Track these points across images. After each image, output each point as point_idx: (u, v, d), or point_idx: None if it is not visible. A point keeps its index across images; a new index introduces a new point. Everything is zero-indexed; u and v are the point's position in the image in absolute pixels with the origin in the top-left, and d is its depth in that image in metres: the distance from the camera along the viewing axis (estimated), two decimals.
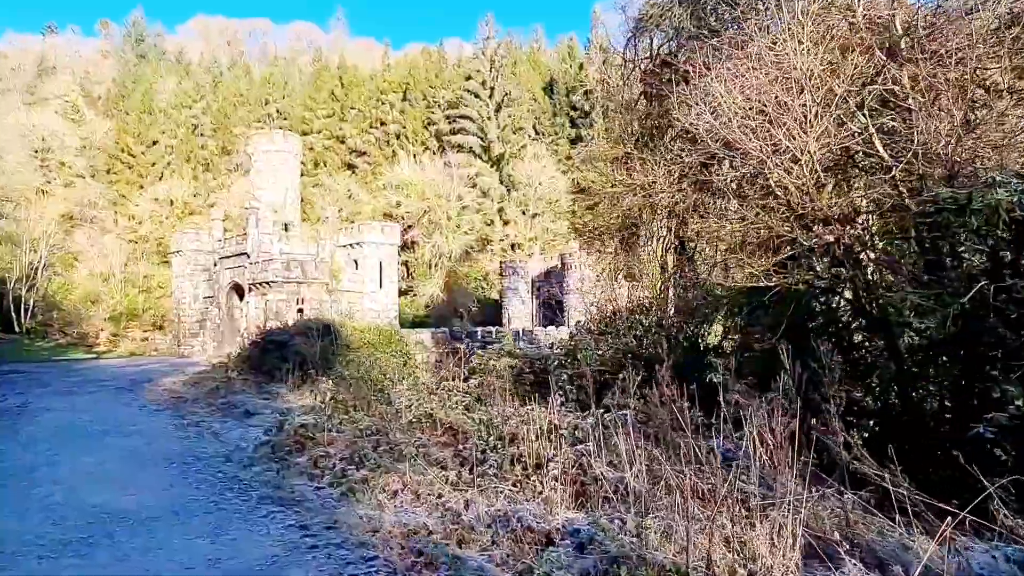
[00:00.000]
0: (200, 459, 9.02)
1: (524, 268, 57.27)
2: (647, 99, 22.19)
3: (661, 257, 19.61)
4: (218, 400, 15.15)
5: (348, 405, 9.56)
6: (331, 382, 18.62)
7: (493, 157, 69.80)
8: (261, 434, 10.93)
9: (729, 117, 10.73)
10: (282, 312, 30.78)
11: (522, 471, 6.42)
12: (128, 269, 70.11)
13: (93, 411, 14.02)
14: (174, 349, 40.90)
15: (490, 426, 7.59)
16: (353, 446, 7.72)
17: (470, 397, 8.56)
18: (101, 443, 10.32)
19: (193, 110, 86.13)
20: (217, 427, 11.98)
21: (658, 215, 20.30)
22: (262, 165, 36.23)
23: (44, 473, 8.31)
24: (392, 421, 8.36)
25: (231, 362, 21.47)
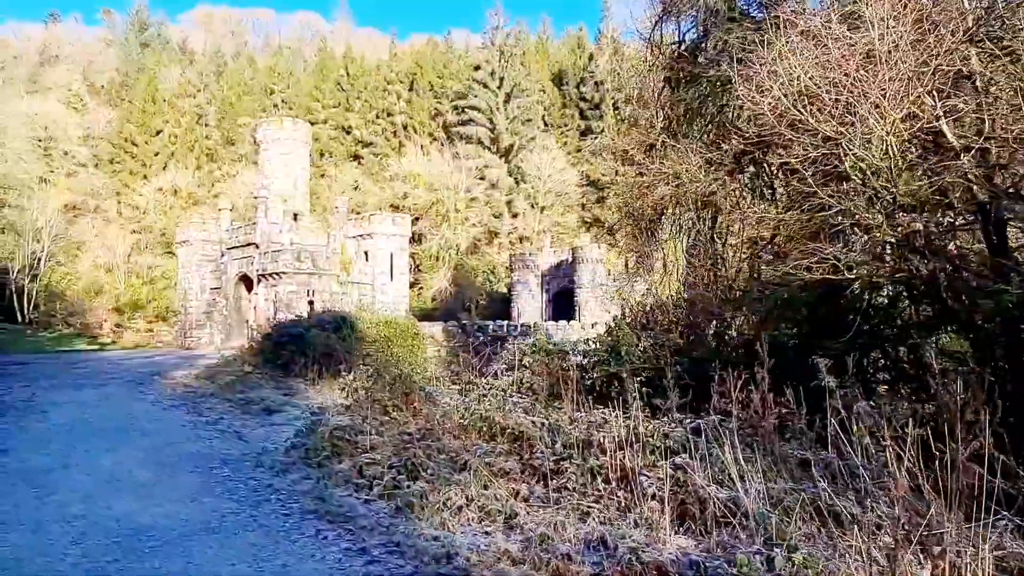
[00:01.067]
0: (227, 463, 8.26)
1: (534, 261, 56.51)
2: (670, 85, 21.38)
3: (689, 249, 18.77)
4: (235, 395, 14.40)
5: (386, 404, 8.80)
6: (352, 377, 17.90)
7: (502, 149, 68.94)
8: (289, 434, 10.18)
9: (796, 94, 9.93)
10: (292, 304, 30.03)
11: (605, 485, 5.65)
12: (132, 259, 69.50)
13: (105, 406, 13.27)
14: (180, 341, 40.22)
15: (556, 432, 6.82)
16: (401, 452, 6.94)
17: (526, 398, 7.80)
18: (117, 443, 9.56)
19: (197, 99, 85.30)
20: (238, 425, 11.22)
21: (687, 205, 19.53)
22: (271, 153, 35.41)
23: (59, 477, 7.54)
24: (439, 424, 7.59)
25: (244, 355, 20.73)
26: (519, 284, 57.17)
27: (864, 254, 10.08)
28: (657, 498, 5.11)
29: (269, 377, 17.28)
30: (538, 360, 13.72)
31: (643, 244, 24.65)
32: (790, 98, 10.24)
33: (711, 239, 20.42)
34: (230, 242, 36.47)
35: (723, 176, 18.20)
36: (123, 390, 16.15)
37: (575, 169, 68.93)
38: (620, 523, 5.03)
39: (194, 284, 38.32)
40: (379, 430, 8.07)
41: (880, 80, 8.92)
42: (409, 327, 24.11)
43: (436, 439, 7.14)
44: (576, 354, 13.95)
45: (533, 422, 6.92)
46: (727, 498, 4.89)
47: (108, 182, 75.06)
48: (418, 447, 6.90)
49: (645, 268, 27.80)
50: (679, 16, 22.15)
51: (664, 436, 5.99)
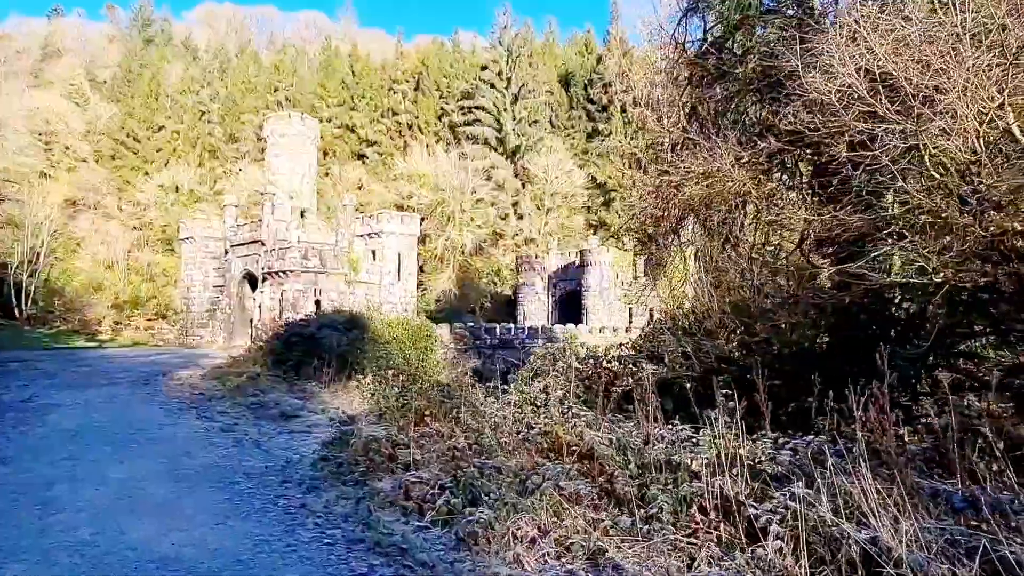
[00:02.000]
0: (249, 476, 7.47)
1: (541, 264, 55.74)
2: (694, 83, 20.71)
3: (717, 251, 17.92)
4: (247, 399, 13.61)
5: (423, 413, 8.02)
6: (370, 381, 17.12)
7: (508, 150, 68.21)
8: (314, 444, 9.40)
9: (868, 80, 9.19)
10: (299, 303, 29.23)
11: (702, 517, 4.88)
12: (132, 256, 68.74)
13: (109, 409, 12.48)
14: (181, 339, 39.37)
15: (626, 450, 6.05)
16: (452, 470, 6.16)
17: (586, 410, 7.02)
18: (126, 451, 8.77)
19: (200, 96, 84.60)
20: (254, 433, 10.43)
21: (717, 206, 18.79)
22: (278, 149, 34.62)
23: (64, 492, 6.75)
24: (489, 437, 6.81)
25: (252, 355, 19.94)
26: (525, 286, 56.37)
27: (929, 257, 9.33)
28: (777, 536, 4.32)
29: (280, 379, 16.48)
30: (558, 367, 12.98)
31: (666, 246, 23.90)
32: (863, 84, 9.49)
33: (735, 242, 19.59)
34: (235, 239, 35.65)
35: (758, 175, 17.46)
36: (128, 391, 15.36)
37: (582, 171, 68.22)
38: (731, 563, 4.25)
39: (197, 281, 37.46)
40: (419, 443, 7.29)
41: (970, 66, 8.16)
42: (423, 329, 23.33)
43: (489, 455, 6.36)
44: (611, 360, 13.18)
45: (605, 440, 6.14)
46: (867, 539, 4.12)
47: (109, 178, 74.22)
48: (471, 464, 6.12)
49: (667, 271, 27.00)
50: (704, 13, 21.40)
51: (768, 458, 5.21)
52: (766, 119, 18.34)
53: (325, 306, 29.83)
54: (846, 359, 10.48)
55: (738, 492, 4.92)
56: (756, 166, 17.76)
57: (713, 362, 11.47)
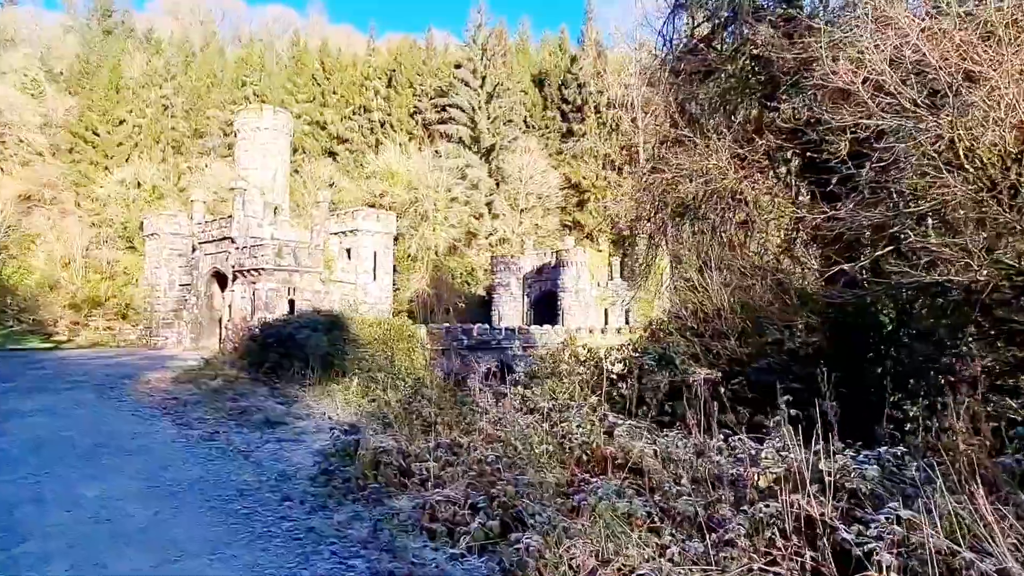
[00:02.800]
0: (243, 494, 6.68)
1: (516, 264, 55.16)
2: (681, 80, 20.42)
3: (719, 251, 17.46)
4: (226, 404, 12.69)
5: (433, 421, 7.32)
6: (357, 384, 16.29)
7: (483, 148, 67.50)
8: (306, 454, 8.62)
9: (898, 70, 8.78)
10: (272, 303, 28.11)
11: (784, 542, 4.30)
12: (90, 254, 66.20)
13: (75, 416, 11.46)
14: (145, 340, 37.72)
15: (676, 462, 5.46)
16: (483, 487, 5.49)
17: (623, 418, 6.41)
18: (98, 464, 7.88)
19: (163, 89, 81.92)
20: (239, 442, 9.58)
21: (712, 203, 18.44)
22: (249, 143, 33.36)
23: (30, 516, 5.89)
24: (520, 449, 6.15)
25: (226, 357, 18.92)
26: (500, 287, 55.72)
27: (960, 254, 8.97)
28: (887, 566, 3.76)
29: (260, 382, 15.57)
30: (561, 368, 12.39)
31: (656, 244, 23.50)
32: (892, 74, 9.09)
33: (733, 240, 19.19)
34: (203, 236, 34.24)
35: (755, 172, 17.10)
36: (93, 396, 14.26)
37: (556, 172, 67.89)
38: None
39: (162, 280, 35.91)
40: (432, 452, 6.60)
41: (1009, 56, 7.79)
42: (404, 329, 22.51)
43: (521, 470, 5.70)
44: (615, 362, 12.62)
45: (649, 450, 5.53)
46: (995, 570, 3.58)
47: (66, 172, 71.38)
48: (504, 481, 5.45)
49: (657, 269, 26.58)
50: (693, 9, 20.95)
51: (849, 473, 4.66)
52: (760, 116, 18.01)
53: (299, 306, 28.76)
54: (862, 361, 10.08)
55: (823, 513, 4.35)
56: (753, 164, 17.42)
57: (724, 364, 11.01)
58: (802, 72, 14.47)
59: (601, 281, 52.80)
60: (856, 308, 10.06)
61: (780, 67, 15.30)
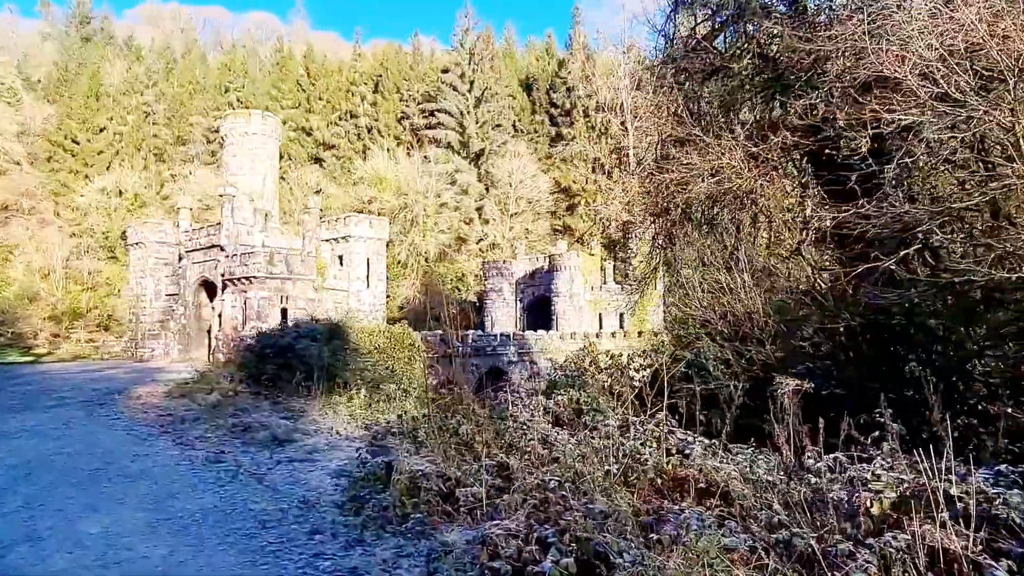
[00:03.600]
0: (265, 525, 5.98)
1: (508, 269, 54.52)
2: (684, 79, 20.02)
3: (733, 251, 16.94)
4: (227, 420, 11.92)
5: (470, 437, 6.67)
6: (360, 395, 15.56)
7: (472, 153, 66.91)
8: (324, 477, 7.93)
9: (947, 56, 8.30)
10: (264, 312, 27.25)
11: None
12: (71, 264, 64.79)
13: (66, 436, 10.65)
14: (131, 352, 36.60)
15: (755, 483, 4.86)
16: (550, 517, 4.85)
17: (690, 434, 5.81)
18: (98, 494, 7.13)
19: (145, 96, 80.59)
20: (248, 463, 8.86)
21: (723, 202, 17.99)
22: (237, 148, 32.50)
23: (27, 559, 5.17)
24: (586, 473, 5.52)
25: (220, 370, 18.10)
26: (492, 292, 55.05)
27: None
28: None
29: (259, 396, 14.78)
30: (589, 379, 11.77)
31: (662, 247, 22.98)
32: (938, 64, 8.61)
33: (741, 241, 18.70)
34: (190, 244, 33.26)
35: (769, 171, 16.63)
36: (83, 413, 13.43)
37: (546, 176, 67.47)
38: None
39: (148, 290, 34.88)
40: (479, 478, 5.95)
41: None
42: (405, 337, 21.81)
43: (585, 496, 5.07)
44: (638, 369, 12.04)
45: (732, 472, 4.92)
46: None
47: (45, 181, 69.84)
48: (570, 509, 4.82)
49: (668, 273, 25.99)
50: (694, 8, 20.48)
51: (980, 497, 4.08)
52: (772, 114, 17.56)
53: (293, 315, 27.92)
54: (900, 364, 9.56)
55: (965, 546, 3.77)
56: (767, 162, 16.94)
57: (758, 370, 10.48)
58: (817, 68, 14.05)
59: (595, 285, 52.33)
60: (899, 310, 9.57)
61: (793, 63, 14.88)
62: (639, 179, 22.92)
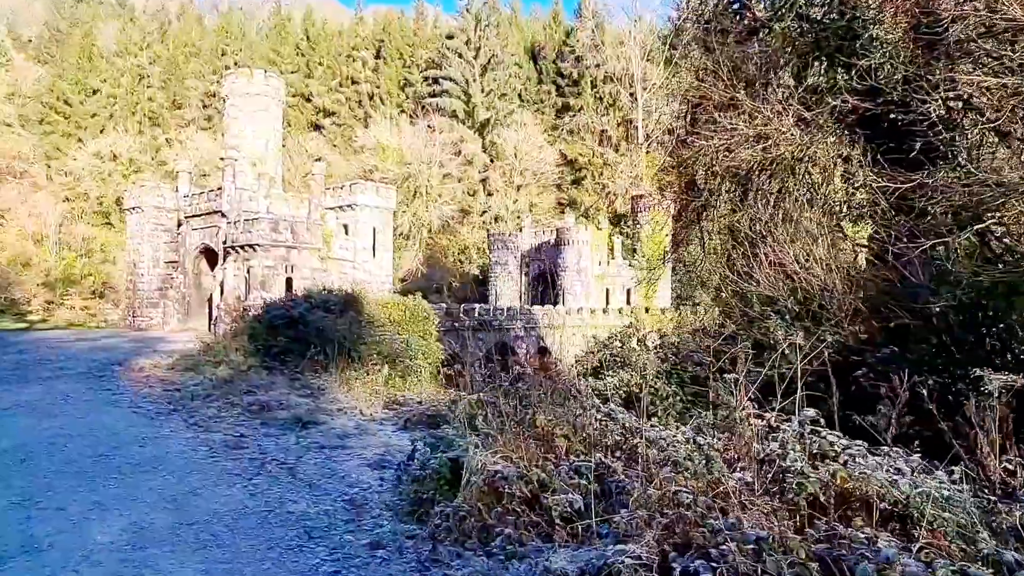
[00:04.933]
0: (313, 536, 4.95)
1: (514, 242, 53.30)
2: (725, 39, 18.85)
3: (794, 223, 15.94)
4: (241, 398, 10.88)
5: (548, 430, 5.64)
6: (383, 371, 14.56)
7: (477, 123, 65.23)
8: (365, 469, 6.92)
9: None
10: (268, 281, 26.11)
11: None
12: (64, 230, 63.27)
13: (64, 414, 9.58)
14: (128, 321, 35.45)
15: (959, 510, 3.84)
16: (690, 544, 3.83)
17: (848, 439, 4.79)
18: (106, 486, 6.09)
19: (139, 59, 78.33)
20: (273, 449, 7.83)
21: (769, 170, 16.89)
22: (238, 110, 31.02)
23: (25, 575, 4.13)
24: (697, 476, 4.50)
25: (226, 341, 17.01)
26: (497, 265, 53.89)
27: None
28: None
29: (272, 371, 13.73)
30: (635, 361, 10.77)
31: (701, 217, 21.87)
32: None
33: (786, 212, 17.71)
34: (190, 210, 31.94)
35: (826, 137, 15.55)
36: (82, 387, 12.36)
37: (552, 148, 65.93)
38: None
39: (145, 256, 33.61)
40: (570, 483, 4.93)
41: None
42: (420, 310, 20.75)
43: (725, 516, 4.04)
44: (693, 351, 11.00)
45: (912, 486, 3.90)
46: None
47: (37, 144, 67.98)
48: (719, 532, 3.79)
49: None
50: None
51: None
52: (826, 75, 16.34)
53: (297, 285, 26.77)
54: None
55: None
56: (820, 128, 15.76)
57: (836, 354, 9.45)
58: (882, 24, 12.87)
59: (602, 260, 51.25)
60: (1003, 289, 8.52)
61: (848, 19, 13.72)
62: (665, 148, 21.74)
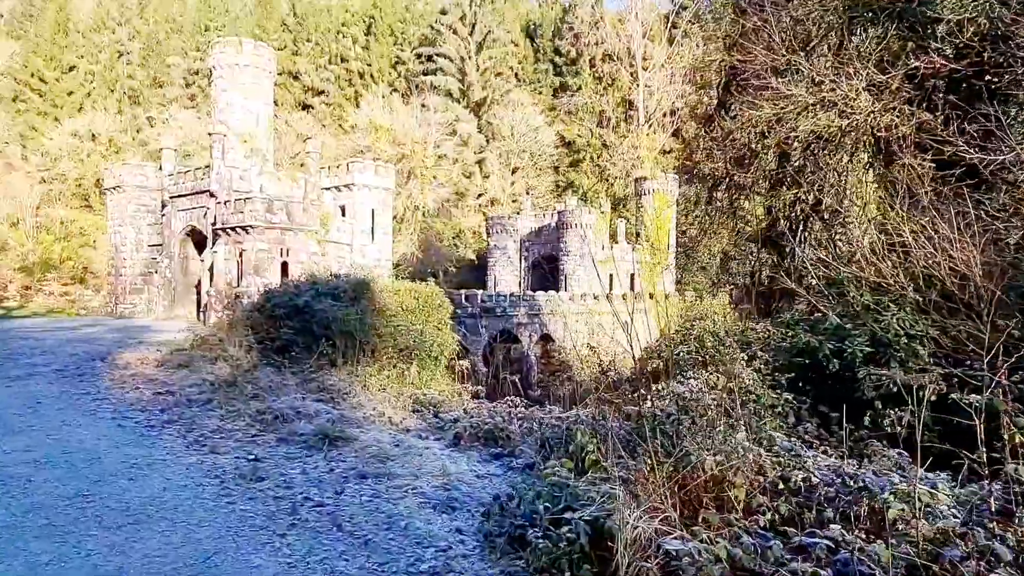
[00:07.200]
0: None
1: (514, 225, 51.50)
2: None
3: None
4: (248, 404, 9.14)
5: (719, 476, 4.03)
6: (412, 369, 12.92)
7: (473, 102, 63.08)
8: (426, 508, 5.26)
9: None
10: (263, 266, 24.23)
11: None
12: (42, 213, 60.60)
13: (32, 428, 7.80)
14: (110, 308, 33.35)
15: None
16: None
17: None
18: (81, 552, 4.37)
19: (117, 34, 75.15)
20: (300, 481, 6.14)
21: (835, 142, 15.33)
22: (227, 83, 28.86)
23: None
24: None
25: (221, 333, 15.22)
26: (496, 250, 52.11)
27: None
28: None
29: (278, 368, 11.99)
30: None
31: (731, 196, 20.29)
32: None
33: None
34: (175, 189, 29.81)
35: (901, 104, 14.02)
36: (56, 388, 10.54)
37: (550, 129, 64.00)
38: None
39: (128, 239, 31.48)
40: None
41: None
42: (434, 297, 19.00)
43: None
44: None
45: None
46: None
47: (11, 123, 64.97)
48: None
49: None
50: None
51: None
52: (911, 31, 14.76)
53: (293, 270, 24.93)
54: None
55: None
56: (894, 93, 14.22)
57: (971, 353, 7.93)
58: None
59: (604, 244, 49.63)
60: None
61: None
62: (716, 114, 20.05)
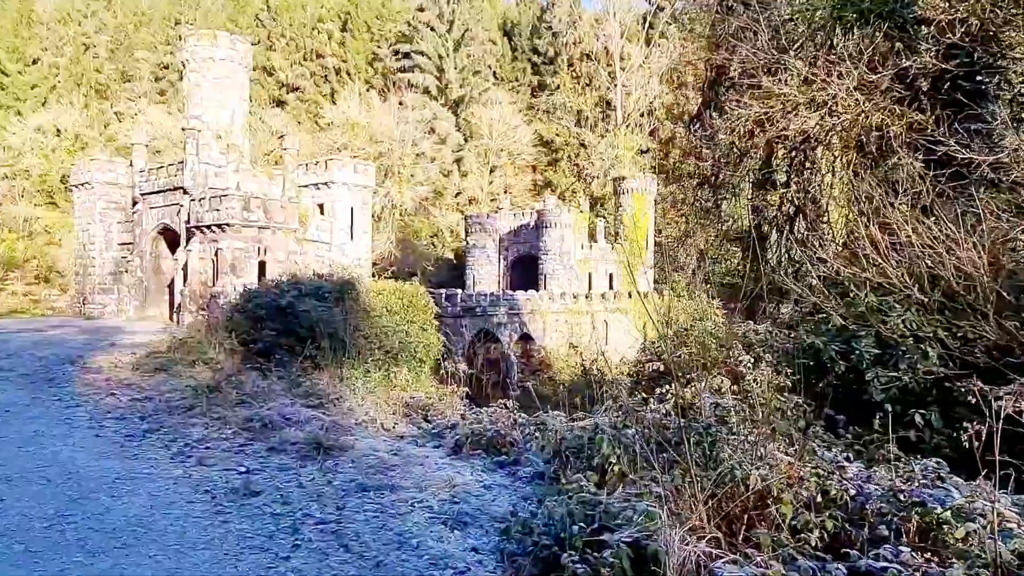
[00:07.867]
0: None
1: (493, 224, 51.15)
2: None
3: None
4: (234, 410, 8.68)
5: (765, 491, 3.75)
6: (402, 372, 12.52)
7: (451, 100, 62.55)
8: (436, 525, 4.92)
9: None
10: (240, 265, 23.55)
11: None
12: (4, 210, 58.67)
13: (4, 441, 7.27)
14: (78, 308, 32.26)
15: None
16: None
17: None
18: (63, 570, 3.95)
19: (84, 27, 73.07)
20: (297, 494, 5.75)
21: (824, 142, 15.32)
22: (201, 77, 28.03)
23: None
24: None
25: (199, 335, 14.64)
26: (475, 249, 51.70)
27: None
28: None
29: (262, 372, 11.50)
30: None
31: (720, 195, 20.23)
32: None
33: None
34: (146, 186, 28.88)
35: (891, 104, 14.03)
36: (25, 396, 9.94)
37: (528, 128, 63.77)
38: None
39: (97, 237, 30.44)
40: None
41: None
42: (418, 298, 18.63)
43: None
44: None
45: None
46: None
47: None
48: None
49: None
50: None
51: None
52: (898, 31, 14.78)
53: (271, 269, 24.29)
54: None
55: None
56: (884, 93, 14.23)
57: (978, 355, 7.81)
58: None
59: (584, 244, 49.56)
60: None
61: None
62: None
